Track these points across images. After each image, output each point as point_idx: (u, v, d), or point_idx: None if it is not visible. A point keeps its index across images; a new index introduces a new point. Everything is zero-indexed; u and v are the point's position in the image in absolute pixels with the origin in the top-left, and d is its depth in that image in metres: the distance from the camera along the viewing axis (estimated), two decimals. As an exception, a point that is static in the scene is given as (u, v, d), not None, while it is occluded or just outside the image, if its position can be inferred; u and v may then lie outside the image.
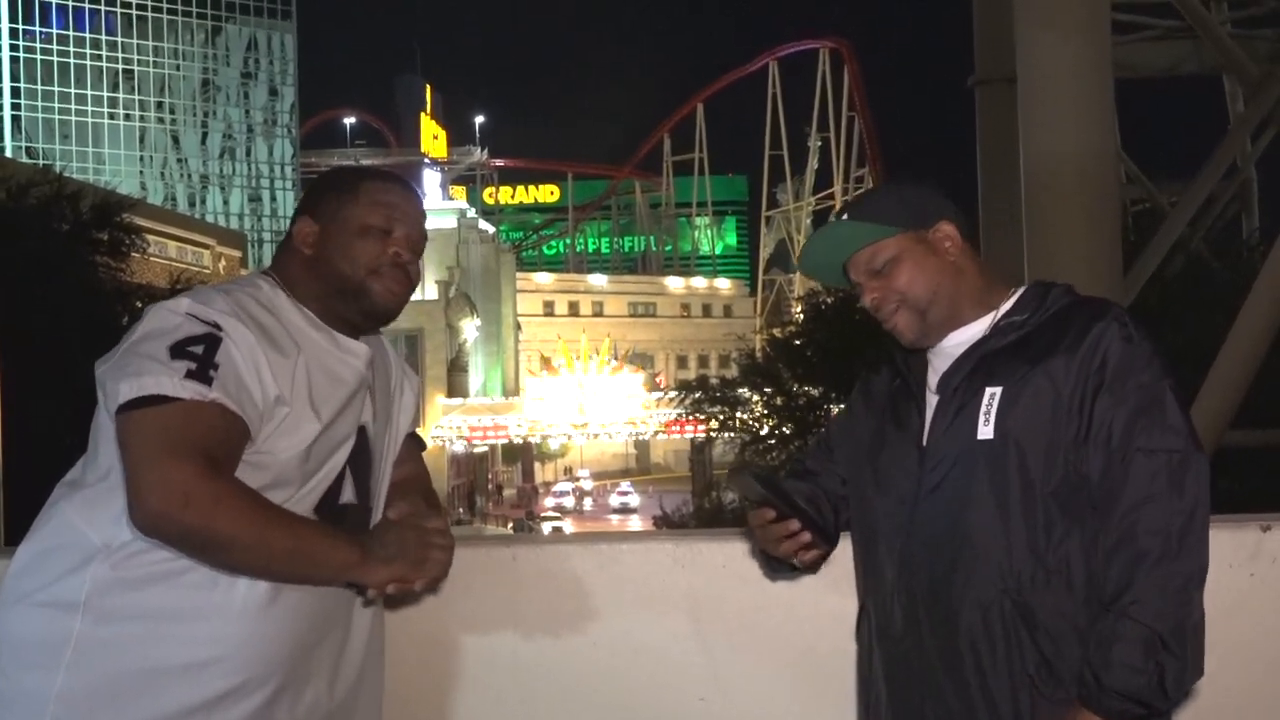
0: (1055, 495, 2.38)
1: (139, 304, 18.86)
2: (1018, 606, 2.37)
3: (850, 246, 2.57)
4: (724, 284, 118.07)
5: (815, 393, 26.87)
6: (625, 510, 65.00)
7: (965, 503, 2.43)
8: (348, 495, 2.53)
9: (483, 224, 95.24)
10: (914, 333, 2.57)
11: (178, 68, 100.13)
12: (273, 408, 2.35)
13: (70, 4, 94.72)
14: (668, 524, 37.59)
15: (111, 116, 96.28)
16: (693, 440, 64.68)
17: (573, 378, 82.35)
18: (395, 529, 2.44)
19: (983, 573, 2.40)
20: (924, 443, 2.51)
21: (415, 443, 2.85)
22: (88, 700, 2.26)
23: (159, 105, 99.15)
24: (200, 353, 2.29)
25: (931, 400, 2.54)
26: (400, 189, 2.60)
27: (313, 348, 2.47)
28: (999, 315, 2.52)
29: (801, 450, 25.81)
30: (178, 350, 2.28)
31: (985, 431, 2.42)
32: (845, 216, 2.56)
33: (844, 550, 2.71)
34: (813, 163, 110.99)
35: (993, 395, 2.43)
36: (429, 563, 2.41)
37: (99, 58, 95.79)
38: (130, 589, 2.29)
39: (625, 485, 65.66)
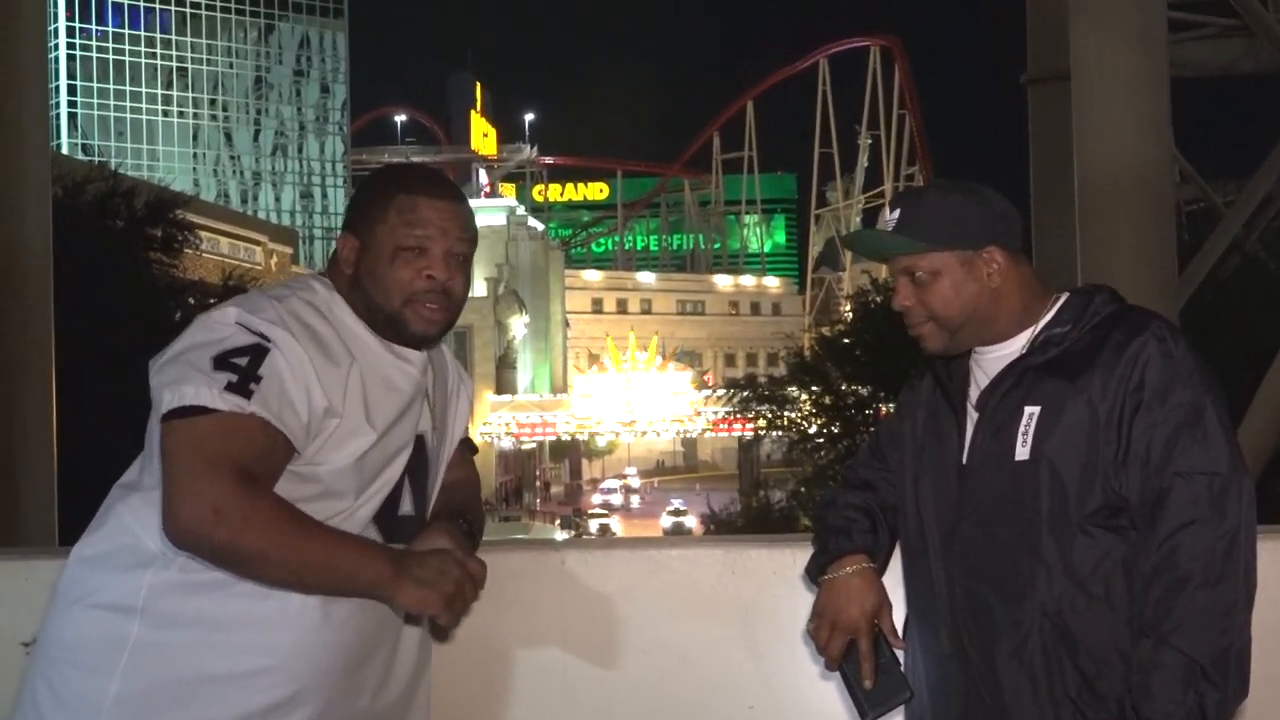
0: (1094, 518, 2.33)
1: (191, 300, 19.05)
2: (1058, 629, 2.34)
3: (892, 251, 2.53)
4: (772, 282, 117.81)
5: (864, 392, 26.79)
6: (679, 532, 51.58)
7: (1003, 526, 2.39)
8: (406, 506, 2.51)
9: (532, 221, 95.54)
10: (938, 347, 2.53)
11: (231, 65, 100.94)
12: (321, 420, 2.32)
13: (126, 2, 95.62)
14: (715, 523, 37.55)
15: (166, 114, 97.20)
16: (740, 438, 64.51)
17: (621, 375, 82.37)
18: (441, 558, 2.39)
19: (1022, 596, 2.36)
20: (964, 461, 2.48)
21: (467, 448, 2.82)
22: (143, 705, 2.26)
23: (212, 103, 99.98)
24: (244, 364, 2.26)
25: (972, 415, 2.50)
26: (433, 200, 2.48)
27: (368, 355, 2.44)
28: (1039, 328, 2.46)
29: (850, 450, 25.73)
30: (221, 361, 2.26)
31: (1023, 453, 2.37)
32: (895, 215, 2.49)
33: (896, 560, 2.69)
34: (863, 161, 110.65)
35: (1031, 415, 2.38)
36: (457, 602, 2.37)
37: (154, 55, 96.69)
38: (186, 595, 2.29)
39: (678, 501, 61.69)
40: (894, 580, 2.66)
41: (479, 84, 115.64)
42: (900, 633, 2.64)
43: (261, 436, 2.25)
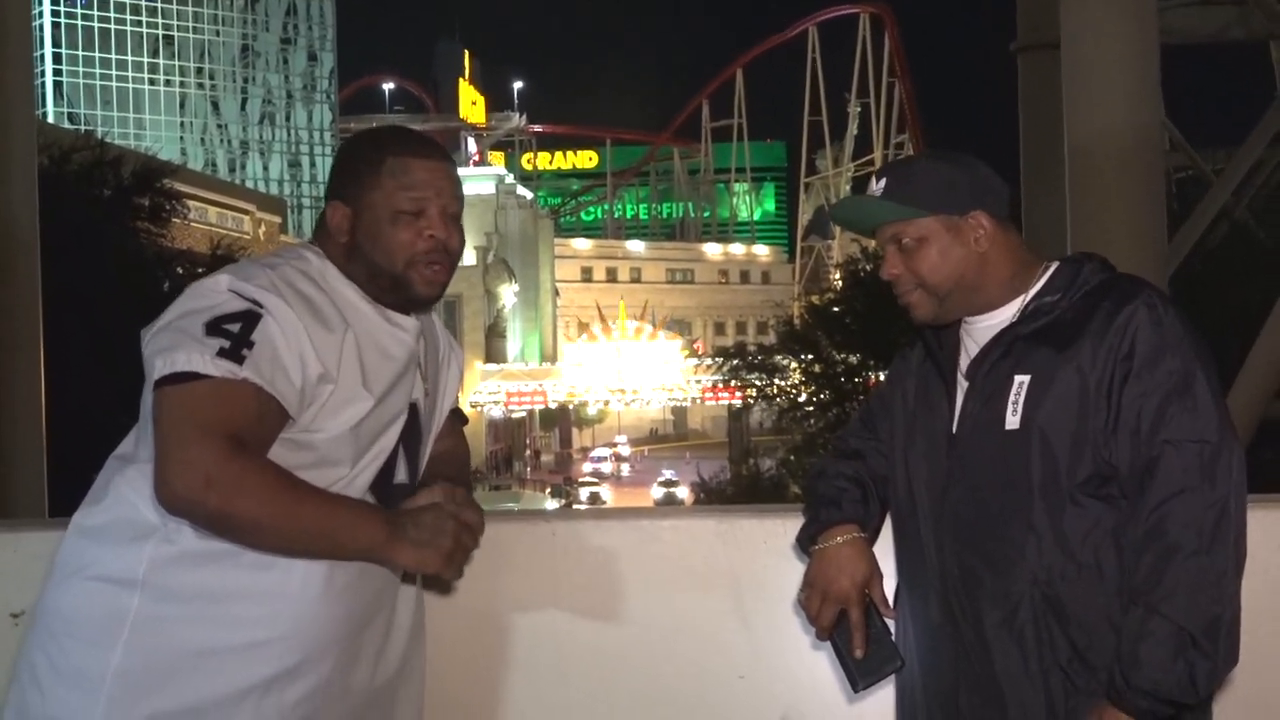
0: (1084, 487, 2.32)
1: (180, 269, 19.00)
2: (1048, 599, 2.34)
3: (879, 219, 2.52)
4: (762, 250, 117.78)
5: (854, 360, 26.86)
6: (671, 503, 50.36)
7: (993, 495, 2.39)
8: (401, 475, 2.51)
9: (521, 190, 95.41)
10: (927, 315, 2.52)
11: (217, 33, 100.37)
12: (315, 386, 2.31)
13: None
14: (705, 491, 37.64)
15: (152, 82, 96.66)
16: (730, 407, 64.63)
17: (610, 344, 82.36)
18: (435, 514, 2.38)
19: (1011, 566, 2.36)
20: (953, 430, 2.47)
21: (457, 418, 2.82)
22: (144, 678, 2.26)
23: (199, 71, 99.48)
24: (236, 330, 2.25)
25: (962, 384, 2.49)
26: (423, 160, 2.48)
27: (363, 322, 2.43)
28: (1029, 296, 2.46)
29: (839, 418, 25.80)
30: (213, 327, 2.25)
31: (1013, 422, 2.37)
32: (881, 184, 2.50)
33: (887, 529, 2.69)
34: (852, 129, 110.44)
35: (1021, 384, 2.38)
36: (457, 555, 2.37)
37: (139, 23, 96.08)
38: (187, 568, 2.28)
39: (669, 472, 60.88)
40: (885, 550, 2.66)
41: (468, 52, 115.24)
42: (891, 602, 2.64)
43: (254, 402, 2.24)
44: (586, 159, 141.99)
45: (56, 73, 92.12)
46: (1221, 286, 15.07)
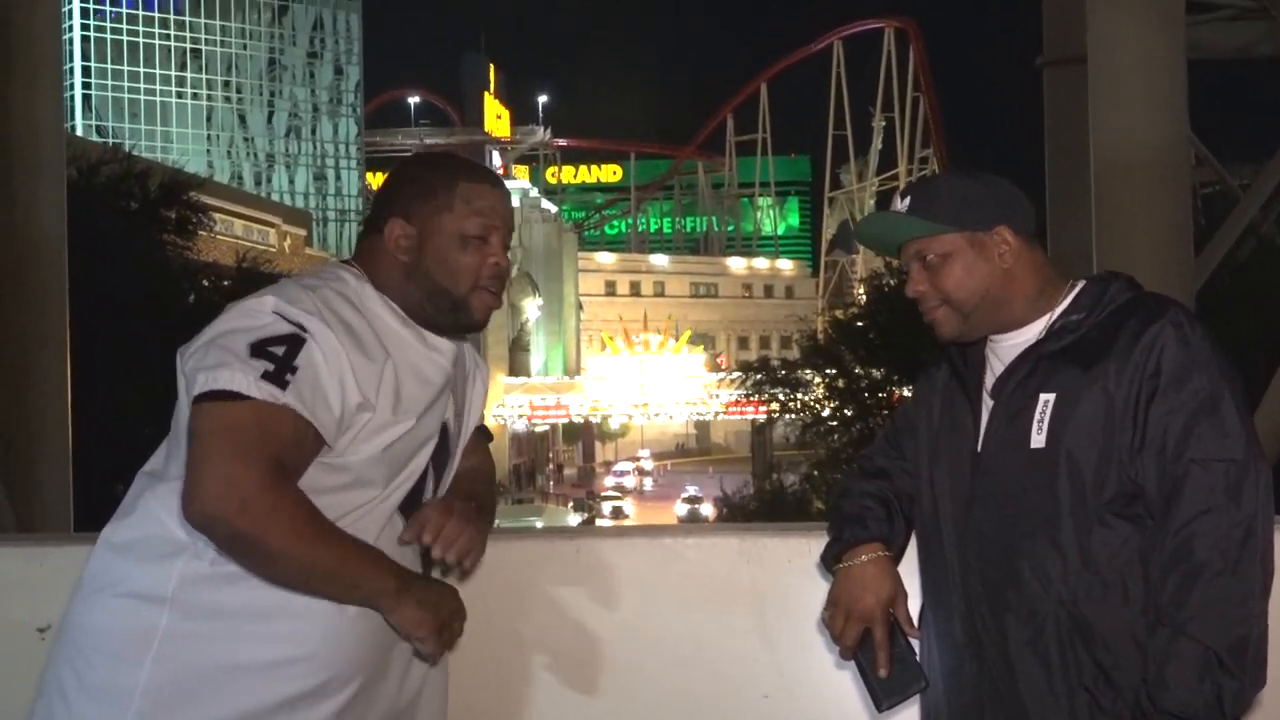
0: (1110, 505, 2.32)
1: (205, 282, 19.07)
2: (1073, 619, 2.33)
3: (903, 236, 2.52)
4: (786, 265, 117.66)
5: (878, 375, 26.76)
6: (694, 520, 50.04)
7: (1018, 513, 2.38)
8: (429, 494, 2.52)
9: (545, 203, 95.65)
10: (953, 332, 2.51)
11: (244, 47, 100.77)
12: (354, 414, 2.32)
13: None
14: (728, 506, 37.60)
15: (179, 95, 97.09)
16: (753, 421, 64.49)
17: (634, 358, 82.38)
18: (441, 588, 2.42)
19: (1036, 585, 2.35)
20: (978, 448, 2.46)
21: (482, 435, 2.82)
22: (173, 694, 2.26)
23: (226, 84, 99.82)
24: (280, 354, 2.25)
25: (988, 403, 2.49)
26: (493, 189, 2.53)
27: (402, 348, 2.44)
28: (1055, 315, 2.45)
29: (863, 433, 25.74)
30: (258, 349, 2.25)
31: (1038, 440, 2.36)
32: (906, 202, 2.50)
33: (912, 548, 2.68)
34: (877, 143, 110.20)
35: (1046, 402, 2.37)
36: (447, 633, 2.39)
37: (167, 37, 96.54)
38: (217, 586, 2.28)
39: (693, 488, 60.19)
40: (910, 569, 2.65)
41: (492, 65, 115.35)
42: (915, 622, 2.63)
43: (292, 428, 2.25)
44: (610, 173, 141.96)
45: (85, 86, 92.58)
46: (1249, 303, 14.99)
